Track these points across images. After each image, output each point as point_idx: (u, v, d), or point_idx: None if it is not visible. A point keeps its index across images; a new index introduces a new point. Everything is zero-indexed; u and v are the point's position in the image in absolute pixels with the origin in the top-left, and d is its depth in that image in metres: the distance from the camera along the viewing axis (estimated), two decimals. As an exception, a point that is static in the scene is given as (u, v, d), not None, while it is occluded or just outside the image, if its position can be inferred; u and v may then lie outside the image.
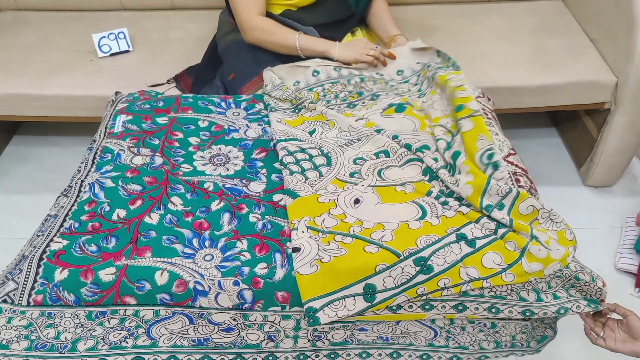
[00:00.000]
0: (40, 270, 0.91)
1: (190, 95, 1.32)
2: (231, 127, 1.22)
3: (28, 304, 0.89)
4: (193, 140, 1.18)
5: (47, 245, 0.94)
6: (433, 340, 1.02)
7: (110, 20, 1.82)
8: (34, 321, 0.90)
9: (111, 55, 1.68)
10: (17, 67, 1.64)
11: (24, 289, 0.90)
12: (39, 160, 1.94)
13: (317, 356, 1.02)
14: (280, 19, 1.43)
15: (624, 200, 1.75)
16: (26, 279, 0.90)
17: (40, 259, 0.92)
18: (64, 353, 0.92)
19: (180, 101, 1.28)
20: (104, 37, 1.66)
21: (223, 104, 1.30)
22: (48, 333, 0.91)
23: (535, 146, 1.95)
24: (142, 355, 0.96)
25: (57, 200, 1.08)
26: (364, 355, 1.04)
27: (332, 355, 1.02)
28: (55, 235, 0.96)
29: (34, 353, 0.91)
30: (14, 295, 0.90)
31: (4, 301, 0.89)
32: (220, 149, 1.17)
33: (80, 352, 0.93)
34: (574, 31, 1.72)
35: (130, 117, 1.22)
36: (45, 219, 1.04)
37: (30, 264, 0.91)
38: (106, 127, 1.21)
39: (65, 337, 0.91)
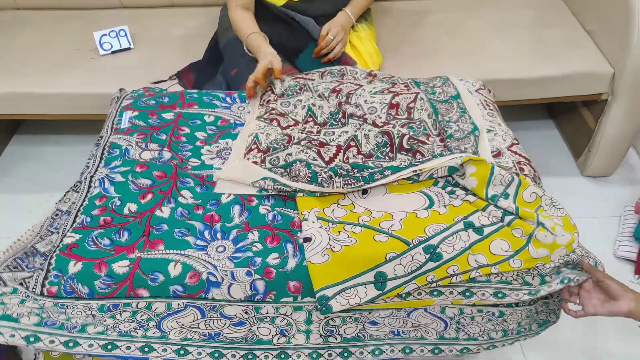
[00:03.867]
0: (53, 262, 0.92)
1: (195, 91, 1.33)
2: (237, 122, 1.23)
3: (42, 294, 0.91)
4: (200, 135, 1.19)
5: (61, 241, 0.95)
6: (444, 333, 1.03)
7: (110, 18, 1.82)
8: (47, 309, 0.91)
9: (112, 53, 1.68)
10: (18, 66, 1.64)
11: (37, 279, 0.91)
12: (40, 160, 1.94)
13: (330, 355, 1.01)
14: (282, 10, 1.45)
15: (621, 190, 1.77)
16: (40, 271, 0.92)
17: (54, 252, 0.94)
18: (73, 332, 0.93)
19: (186, 97, 1.29)
20: (105, 34, 1.67)
21: (228, 99, 1.31)
22: (59, 316, 0.92)
23: (533, 138, 1.97)
24: (151, 344, 0.96)
25: (65, 195, 1.09)
26: (376, 352, 1.04)
27: (345, 354, 1.02)
28: (68, 231, 0.97)
29: (42, 329, 0.91)
30: (29, 282, 0.92)
31: (20, 284, 0.92)
32: (227, 143, 1.18)
33: (89, 334, 0.93)
34: (570, 23, 1.74)
35: (136, 112, 1.23)
36: (55, 214, 1.05)
37: (45, 259, 0.93)
38: (113, 123, 1.22)
39: (76, 321, 0.92)
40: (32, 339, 0.91)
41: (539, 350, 1.35)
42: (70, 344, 0.92)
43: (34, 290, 0.91)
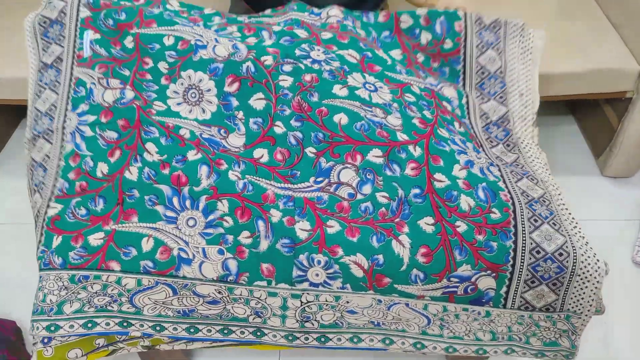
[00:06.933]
0: (42, 239, 0.93)
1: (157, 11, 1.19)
2: (198, 42, 1.11)
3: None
4: (162, 66, 1.10)
5: (46, 212, 0.95)
6: (426, 329, 0.99)
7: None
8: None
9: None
10: (21, 49, 1.61)
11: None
12: (47, 144, 1.92)
13: (306, 338, 0.99)
14: None
15: (642, 192, 1.71)
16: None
17: (42, 227, 0.94)
18: (51, 316, 0.92)
19: (144, 13, 1.15)
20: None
21: (192, 24, 1.19)
22: (38, 296, 0.92)
23: (551, 134, 1.90)
24: (129, 320, 0.95)
25: (35, 140, 1.06)
26: (355, 340, 1.01)
27: (322, 339, 1.00)
28: (50, 199, 0.97)
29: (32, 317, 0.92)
30: None
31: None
32: (189, 77, 1.09)
33: (67, 315, 0.92)
34: (594, 15, 1.66)
35: (97, 36, 1.12)
36: (32, 165, 1.05)
37: (38, 232, 0.94)
38: (74, 46, 1.12)
39: (50, 300, 0.91)
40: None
41: None
42: (52, 328, 0.91)
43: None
